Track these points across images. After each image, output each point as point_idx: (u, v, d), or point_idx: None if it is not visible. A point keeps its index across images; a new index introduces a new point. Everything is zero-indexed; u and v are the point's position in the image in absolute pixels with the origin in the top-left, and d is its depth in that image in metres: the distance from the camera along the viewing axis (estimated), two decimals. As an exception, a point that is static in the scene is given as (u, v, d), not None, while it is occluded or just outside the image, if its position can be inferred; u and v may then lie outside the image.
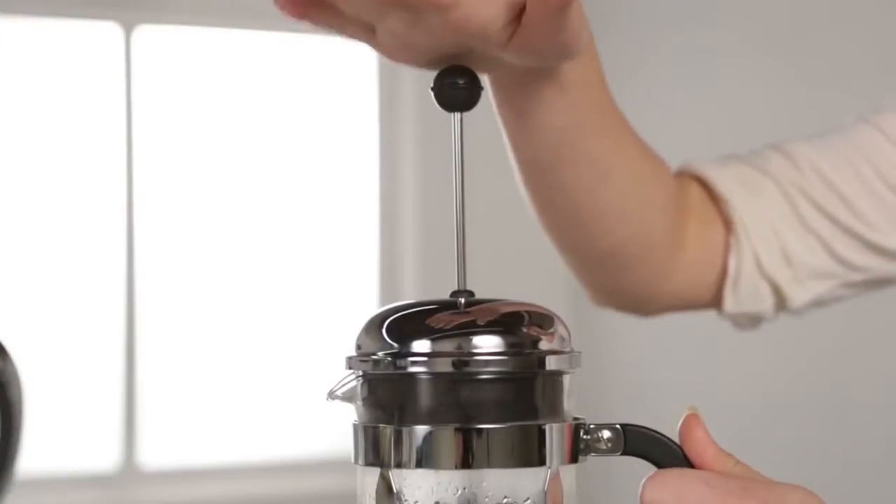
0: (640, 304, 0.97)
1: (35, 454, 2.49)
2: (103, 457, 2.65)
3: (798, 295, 0.94)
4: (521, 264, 2.43)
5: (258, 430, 2.78)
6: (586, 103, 0.82)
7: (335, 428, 2.67)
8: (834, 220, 0.93)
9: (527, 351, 0.61)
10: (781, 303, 0.95)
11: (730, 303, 0.95)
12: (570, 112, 0.81)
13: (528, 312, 0.62)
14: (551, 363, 0.61)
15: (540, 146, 0.83)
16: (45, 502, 2.54)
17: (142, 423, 2.68)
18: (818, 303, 0.96)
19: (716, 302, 0.96)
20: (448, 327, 0.60)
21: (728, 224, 0.94)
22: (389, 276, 2.88)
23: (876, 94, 1.00)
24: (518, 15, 0.64)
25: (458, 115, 0.67)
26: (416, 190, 2.85)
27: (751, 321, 0.97)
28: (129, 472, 2.66)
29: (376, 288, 2.88)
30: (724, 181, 0.94)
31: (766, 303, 0.95)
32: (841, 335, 2.11)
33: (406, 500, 0.62)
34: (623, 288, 0.95)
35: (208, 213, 2.77)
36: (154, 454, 2.69)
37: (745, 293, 0.94)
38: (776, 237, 0.93)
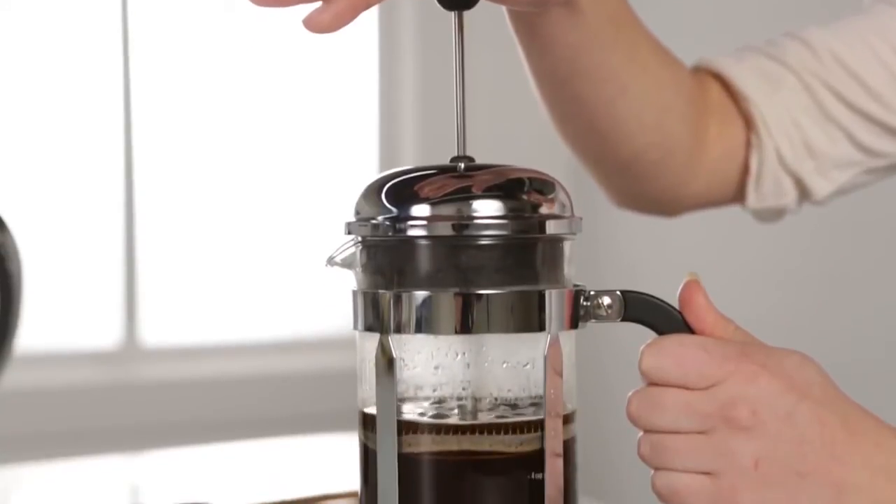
0: (663, 206, 0.97)
1: (36, 331, 2.51)
2: (104, 334, 2.67)
3: (821, 186, 0.93)
4: (522, 134, 2.41)
5: (260, 308, 2.79)
6: (599, 20, 0.80)
7: (337, 306, 2.68)
8: (855, 108, 0.92)
9: (527, 215, 0.61)
10: (804, 195, 0.94)
11: (752, 199, 0.94)
12: (583, 29, 0.79)
13: (529, 178, 0.62)
14: (551, 227, 0.61)
15: (554, 61, 0.82)
16: (46, 378, 2.56)
17: (143, 300, 2.69)
18: (841, 191, 0.95)
19: (738, 198, 0.96)
20: (448, 191, 0.60)
21: (748, 121, 0.93)
22: (388, 143, 2.86)
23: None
24: None
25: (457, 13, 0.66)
26: (416, 56, 2.82)
27: (774, 214, 0.96)
28: (130, 348, 2.68)
29: (376, 155, 2.86)
30: (743, 77, 0.93)
31: (790, 196, 0.94)
32: (845, 208, 2.10)
33: (406, 366, 0.62)
34: (645, 193, 0.94)
35: (208, 87, 2.75)
36: (155, 331, 2.71)
37: (767, 189, 0.93)
38: (798, 130, 0.92)
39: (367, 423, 0.63)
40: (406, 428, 0.61)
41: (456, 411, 0.63)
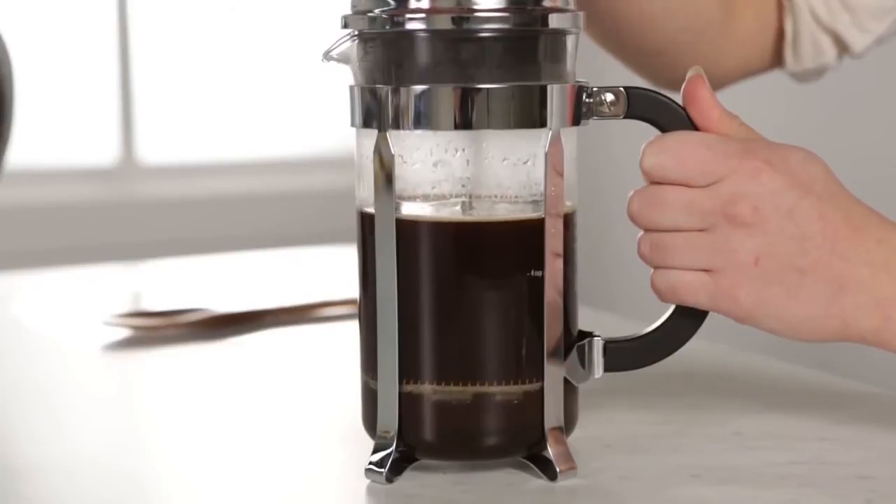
0: None
1: (33, 148, 2.50)
2: (102, 151, 2.65)
3: (860, 39, 0.91)
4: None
5: (258, 126, 2.77)
6: None
7: (336, 125, 2.66)
8: None
9: (529, 7, 0.59)
10: (843, 50, 0.92)
11: (791, 63, 0.92)
12: None
13: (530, -30, 0.60)
14: (554, 21, 0.60)
15: None
16: (43, 195, 2.56)
17: (140, 118, 2.67)
18: (879, 41, 0.93)
19: (776, 63, 0.93)
20: (447, -18, 0.58)
21: None
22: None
23: None
24: None
25: None
26: None
27: (814, 74, 0.94)
28: (127, 166, 2.67)
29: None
30: None
31: (829, 55, 0.91)
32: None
33: (404, 162, 0.61)
34: (681, 76, 0.92)
35: None
36: (153, 149, 2.69)
37: (805, 51, 0.91)
38: None
39: (366, 223, 0.62)
40: (405, 226, 0.60)
41: (455, 209, 0.62)
